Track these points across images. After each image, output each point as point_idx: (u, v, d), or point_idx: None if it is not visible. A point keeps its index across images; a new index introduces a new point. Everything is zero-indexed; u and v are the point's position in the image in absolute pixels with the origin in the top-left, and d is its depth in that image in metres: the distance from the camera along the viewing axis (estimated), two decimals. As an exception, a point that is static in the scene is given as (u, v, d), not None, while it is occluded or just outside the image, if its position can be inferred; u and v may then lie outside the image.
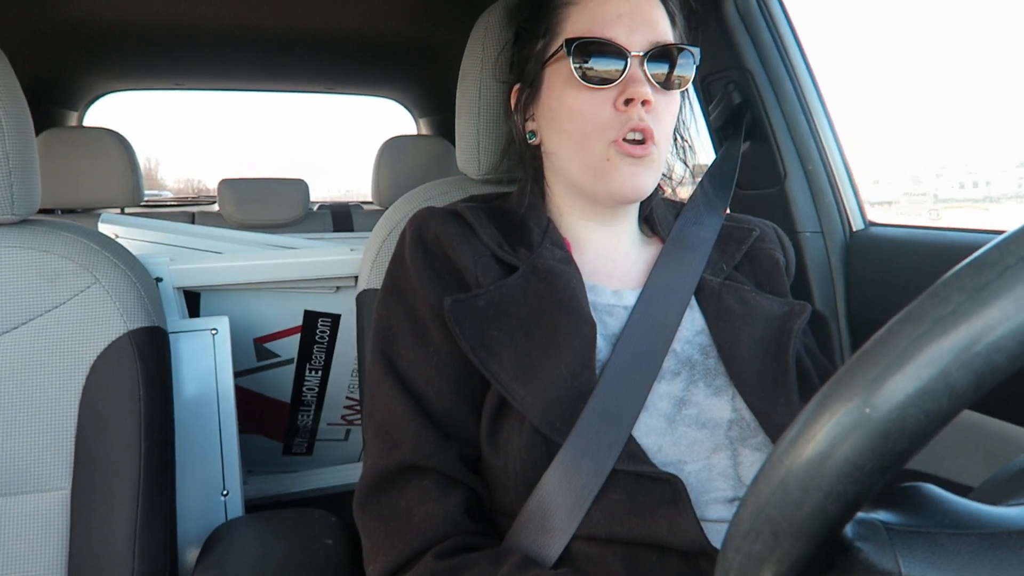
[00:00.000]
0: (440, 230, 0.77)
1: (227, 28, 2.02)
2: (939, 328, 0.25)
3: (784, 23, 1.23)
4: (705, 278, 0.80)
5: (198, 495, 1.09)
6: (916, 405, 0.25)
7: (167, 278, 1.18)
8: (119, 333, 0.88)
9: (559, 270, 0.74)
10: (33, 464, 0.85)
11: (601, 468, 0.64)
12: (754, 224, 0.89)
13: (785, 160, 1.23)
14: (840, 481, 0.26)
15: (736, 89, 1.25)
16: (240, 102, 10.69)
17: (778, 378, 0.72)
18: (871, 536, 0.30)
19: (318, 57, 2.37)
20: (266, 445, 1.53)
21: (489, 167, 0.93)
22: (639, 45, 0.74)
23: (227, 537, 0.93)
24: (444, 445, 0.68)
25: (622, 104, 0.74)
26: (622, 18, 0.75)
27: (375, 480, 0.69)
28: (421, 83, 2.75)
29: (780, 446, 0.28)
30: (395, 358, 0.73)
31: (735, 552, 0.30)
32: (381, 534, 0.67)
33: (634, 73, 0.74)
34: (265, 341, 1.36)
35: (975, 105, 2.21)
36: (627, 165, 0.74)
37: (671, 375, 0.72)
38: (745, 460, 0.69)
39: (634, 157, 0.74)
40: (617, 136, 0.74)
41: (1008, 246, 0.25)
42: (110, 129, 2.10)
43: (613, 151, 0.75)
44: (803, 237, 1.22)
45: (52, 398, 0.86)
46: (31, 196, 0.89)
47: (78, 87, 2.54)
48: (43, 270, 0.88)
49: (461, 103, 0.93)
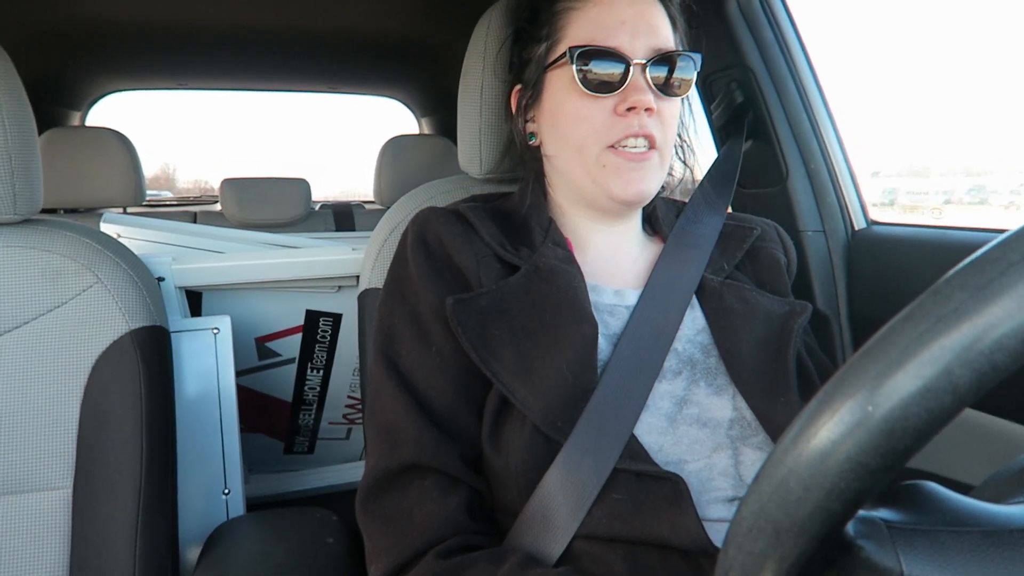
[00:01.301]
0: (442, 230, 0.77)
1: (229, 28, 2.02)
2: (941, 326, 0.25)
3: (786, 21, 1.22)
4: (706, 277, 0.80)
5: (199, 494, 1.09)
6: (919, 403, 0.25)
7: (169, 277, 1.18)
8: (121, 332, 0.88)
9: (561, 270, 0.74)
10: (35, 463, 0.85)
11: (602, 467, 0.64)
12: (755, 223, 0.89)
13: (787, 159, 1.23)
14: (842, 479, 0.26)
15: (738, 88, 1.24)
16: (237, 102, 10.64)
17: (778, 377, 0.72)
18: (872, 534, 0.30)
19: (320, 56, 2.37)
20: (267, 444, 1.53)
21: (491, 166, 0.93)
22: (641, 52, 0.74)
23: (228, 536, 0.93)
24: (445, 445, 0.68)
25: (623, 110, 0.74)
26: (625, 24, 0.75)
27: (377, 480, 0.69)
28: (423, 82, 2.75)
29: (782, 444, 0.28)
30: (397, 358, 0.73)
31: (736, 550, 0.30)
32: (383, 534, 0.67)
33: (636, 81, 0.74)
34: (267, 340, 1.36)
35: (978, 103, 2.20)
36: (626, 170, 0.74)
37: (672, 374, 0.72)
38: (746, 459, 0.69)
39: (633, 161, 0.74)
40: (614, 141, 0.74)
41: (1010, 244, 0.25)
42: (112, 129, 2.11)
43: (609, 156, 0.75)
44: (805, 236, 1.22)
45: (54, 397, 0.86)
46: (33, 196, 0.89)
47: (80, 87, 2.54)
48: (45, 269, 0.88)
49: (463, 102, 0.93)
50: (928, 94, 2.44)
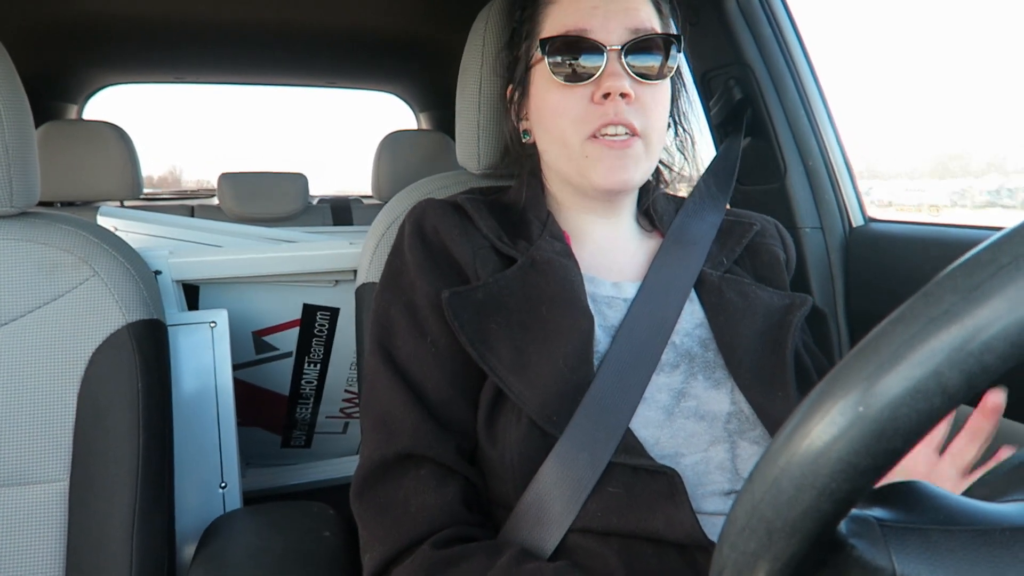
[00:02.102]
0: (439, 222, 0.77)
1: (227, 22, 2.01)
2: (932, 328, 0.25)
3: (785, 18, 1.22)
4: (705, 271, 0.80)
5: (196, 488, 1.09)
6: (908, 404, 0.25)
7: (166, 271, 1.18)
8: (118, 326, 0.88)
9: (558, 263, 0.74)
10: (31, 456, 0.85)
11: (598, 461, 0.64)
12: (755, 219, 0.89)
13: (785, 156, 1.23)
14: (834, 479, 0.26)
15: (737, 85, 1.24)
16: (233, 97, 10.57)
17: (776, 371, 0.72)
18: (865, 533, 0.30)
19: (318, 51, 2.36)
20: (264, 438, 1.53)
21: (489, 162, 0.93)
22: (616, 37, 0.73)
23: (225, 529, 0.93)
24: (441, 436, 0.68)
25: (600, 98, 0.73)
26: (597, 9, 0.74)
27: (372, 470, 0.69)
28: (422, 78, 2.74)
29: (774, 444, 0.28)
30: (393, 349, 0.73)
31: (730, 549, 0.30)
32: (378, 524, 0.67)
33: (611, 67, 0.73)
34: (264, 334, 1.36)
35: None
36: (608, 159, 0.74)
37: (670, 367, 0.73)
38: (743, 453, 0.69)
39: (614, 149, 0.74)
40: (593, 130, 0.74)
41: (1001, 246, 0.25)
42: (109, 122, 2.10)
43: (591, 146, 0.74)
44: (803, 233, 1.22)
45: (50, 390, 0.86)
46: (30, 189, 0.89)
47: (78, 80, 2.53)
48: (42, 262, 0.88)
49: (461, 98, 0.93)
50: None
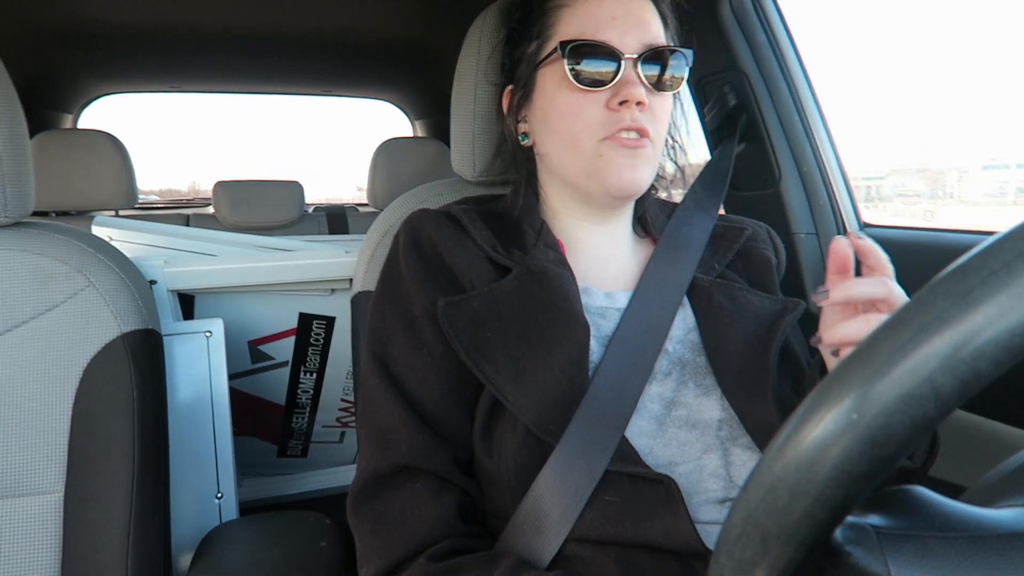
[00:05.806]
0: (434, 232, 0.77)
1: (222, 30, 2.01)
2: (924, 334, 0.25)
3: (779, 24, 1.23)
4: (697, 276, 0.80)
5: (192, 498, 1.09)
6: (902, 411, 0.25)
7: (161, 280, 1.17)
8: (113, 336, 0.88)
9: (553, 272, 0.74)
10: (26, 467, 0.85)
11: (594, 469, 0.64)
12: (746, 224, 0.89)
13: (780, 161, 1.23)
14: (828, 486, 0.26)
15: (731, 91, 1.25)
16: (229, 106, 10.55)
17: (758, 376, 0.72)
18: (861, 540, 0.30)
19: (314, 59, 2.37)
20: (261, 447, 1.53)
21: (484, 169, 0.93)
22: (632, 47, 0.74)
23: (221, 540, 0.93)
24: (437, 447, 0.68)
25: (616, 105, 0.74)
26: (616, 20, 0.75)
27: (368, 482, 0.69)
28: (417, 85, 2.75)
29: (769, 452, 0.28)
30: (389, 360, 0.73)
31: (727, 557, 0.30)
32: (374, 536, 0.67)
33: (628, 75, 0.74)
34: (259, 343, 1.36)
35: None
36: (621, 158, 0.74)
37: (663, 376, 0.73)
38: (736, 460, 0.69)
39: (628, 148, 0.74)
40: (607, 134, 0.74)
41: (993, 252, 0.25)
42: (104, 131, 2.10)
43: (605, 147, 0.74)
44: (798, 238, 1.22)
45: (45, 401, 0.86)
46: (25, 198, 0.88)
47: (73, 89, 2.53)
48: (36, 272, 0.87)
49: (456, 105, 0.93)
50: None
